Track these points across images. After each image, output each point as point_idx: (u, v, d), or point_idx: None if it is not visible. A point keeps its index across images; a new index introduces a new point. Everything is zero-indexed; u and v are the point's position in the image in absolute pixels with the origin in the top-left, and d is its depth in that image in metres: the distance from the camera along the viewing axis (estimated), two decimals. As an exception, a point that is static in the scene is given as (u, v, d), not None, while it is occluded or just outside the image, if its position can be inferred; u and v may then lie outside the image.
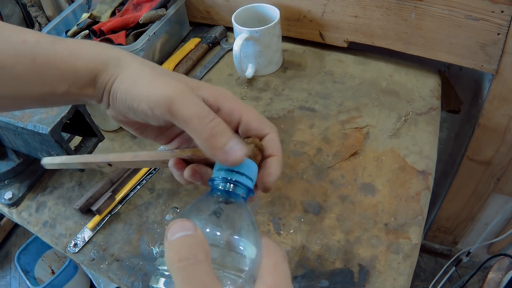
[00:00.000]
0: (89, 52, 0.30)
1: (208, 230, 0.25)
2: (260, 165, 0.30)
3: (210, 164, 0.31)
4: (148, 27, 0.80)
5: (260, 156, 0.30)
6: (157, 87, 0.28)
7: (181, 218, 0.24)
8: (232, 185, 0.28)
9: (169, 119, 0.27)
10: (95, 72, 0.30)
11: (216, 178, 0.29)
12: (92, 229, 0.60)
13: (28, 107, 0.33)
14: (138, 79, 0.29)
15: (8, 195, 0.65)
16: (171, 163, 0.32)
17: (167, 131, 0.35)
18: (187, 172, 0.32)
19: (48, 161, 0.42)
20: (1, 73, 0.28)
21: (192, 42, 0.87)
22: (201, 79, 0.81)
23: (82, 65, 0.30)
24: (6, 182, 0.66)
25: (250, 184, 0.29)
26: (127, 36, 0.79)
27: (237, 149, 0.27)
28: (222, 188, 0.29)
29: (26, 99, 0.30)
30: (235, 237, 0.25)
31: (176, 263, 0.22)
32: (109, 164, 0.37)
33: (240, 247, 0.25)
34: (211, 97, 0.29)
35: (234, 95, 0.31)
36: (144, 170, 0.66)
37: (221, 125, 0.27)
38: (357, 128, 0.68)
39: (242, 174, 0.28)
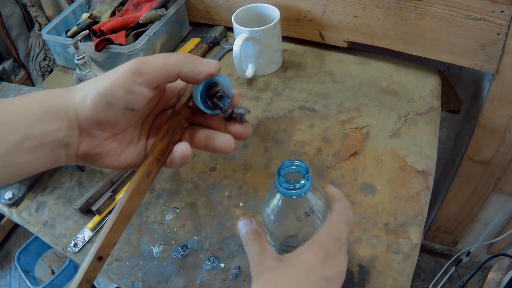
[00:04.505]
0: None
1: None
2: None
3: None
4: (148, 27, 0.80)
5: None
6: (121, 67, 0.30)
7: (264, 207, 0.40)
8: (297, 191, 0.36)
9: (143, 77, 0.30)
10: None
11: (282, 187, 0.36)
12: (92, 229, 0.60)
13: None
14: (96, 78, 0.31)
15: (8, 195, 0.65)
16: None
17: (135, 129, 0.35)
18: (182, 148, 0.33)
19: None
20: None
21: (192, 42, 0.87)
22: (201, 79, 0.81)
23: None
24: (6, 182, 0.66)
25: (309, 185, 0.37)
26: (127, 36, 0.79)
27: (210, 62, 0.32)
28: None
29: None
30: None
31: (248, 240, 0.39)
32: (100, 259, 0.30)
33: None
34: (167, 63, 0.31)
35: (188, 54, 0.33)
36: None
37: (188, 54, 0.31)
38: (357, 128, 0.68)
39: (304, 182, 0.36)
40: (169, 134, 0.33)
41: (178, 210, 0.61)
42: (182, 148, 0.32)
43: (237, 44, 0.71)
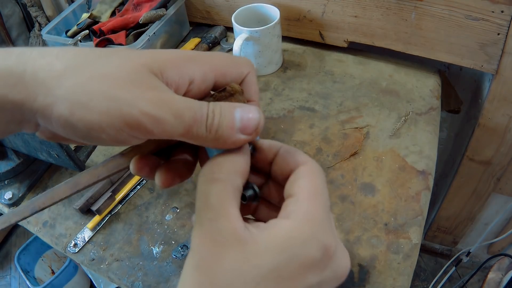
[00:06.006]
0: None
1: None
2: None
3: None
4: (148, 27, 0.80)
5: (246, 101, 0.27)
6: (122, 103, 0.21)
7: None
8: None
9: (150, 137, 0.22)
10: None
11: None
12: (92, 229, 0.60)
13: None
14: (85, 97, 0.21)
15: (8, 195, 0.65)
16: (133, 168, 0.27)
17: None
18: (133, 166, 0.26)
19: None
20: None
21: (192, 42, 0.87)
22: (201, 79, 0.81)
23: None
24: (6, 182, 0.66)
25: None
26: (127, 36, 0.79)
27: (246, 128, 0.24)
28: None
29: None
30: None
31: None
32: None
33: None
34: (177, 73, 0.24)
35: (195, 53, 0.25)
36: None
37: (217, 117, 0.23)
38: (357, 128, 0.68)
39: None
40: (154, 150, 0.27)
41: (178, 210, 0.61)
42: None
43: (237, 44, 0.71)
